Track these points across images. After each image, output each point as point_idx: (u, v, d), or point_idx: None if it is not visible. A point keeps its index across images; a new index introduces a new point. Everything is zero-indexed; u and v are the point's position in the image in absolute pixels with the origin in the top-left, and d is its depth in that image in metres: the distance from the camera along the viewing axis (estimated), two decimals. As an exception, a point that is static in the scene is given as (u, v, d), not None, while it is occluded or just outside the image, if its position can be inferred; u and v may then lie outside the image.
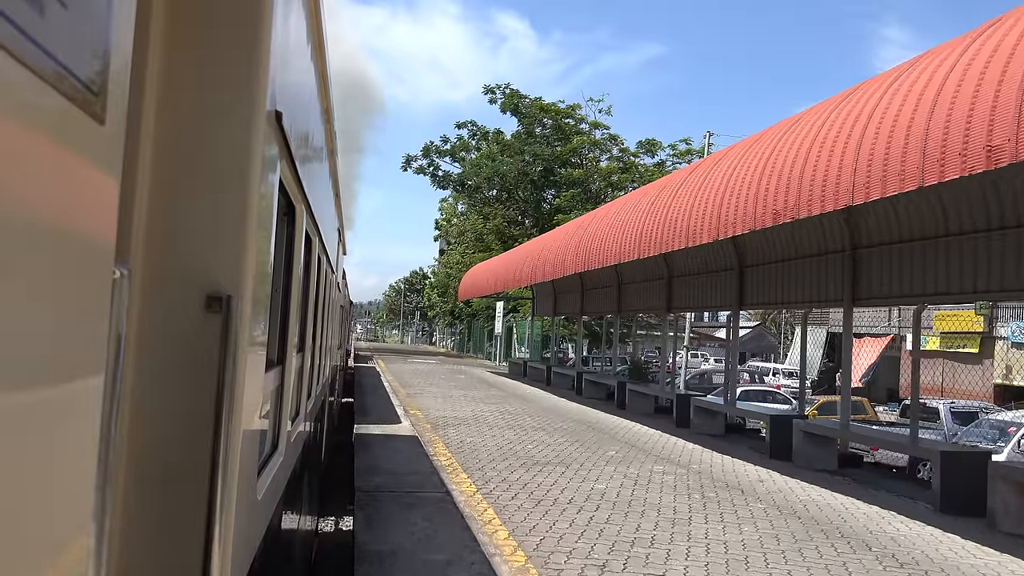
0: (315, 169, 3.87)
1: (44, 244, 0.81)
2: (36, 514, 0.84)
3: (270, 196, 2.07)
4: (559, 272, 20.68)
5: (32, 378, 0.81)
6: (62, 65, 0.80)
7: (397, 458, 10.28)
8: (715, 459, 12.20)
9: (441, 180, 49.82)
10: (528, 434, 13.52)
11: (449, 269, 57.90)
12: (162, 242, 1.64)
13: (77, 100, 0.84)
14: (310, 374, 5.08)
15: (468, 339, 57.98)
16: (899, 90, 8.22)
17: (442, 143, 50.00)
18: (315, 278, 4.65)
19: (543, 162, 44.98)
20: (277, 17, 1.89)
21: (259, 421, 2.34)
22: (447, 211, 63.30)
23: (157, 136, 1.62)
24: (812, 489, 10.08)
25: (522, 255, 26.77)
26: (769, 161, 10.41)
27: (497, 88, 48.23)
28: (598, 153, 46.48)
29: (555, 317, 31.40)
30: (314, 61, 3.25)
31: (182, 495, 1.62)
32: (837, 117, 9.18)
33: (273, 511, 2.94)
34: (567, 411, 18.26)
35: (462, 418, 15.19)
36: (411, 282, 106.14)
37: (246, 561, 2.16)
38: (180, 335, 1.66)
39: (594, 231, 18.42)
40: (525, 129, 46.34)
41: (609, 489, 9.12)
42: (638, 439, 14.04)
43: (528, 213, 47.43)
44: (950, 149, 6.91)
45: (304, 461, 5.02)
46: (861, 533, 7.79)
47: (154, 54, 1.59)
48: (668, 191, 14.61)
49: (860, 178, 8.11)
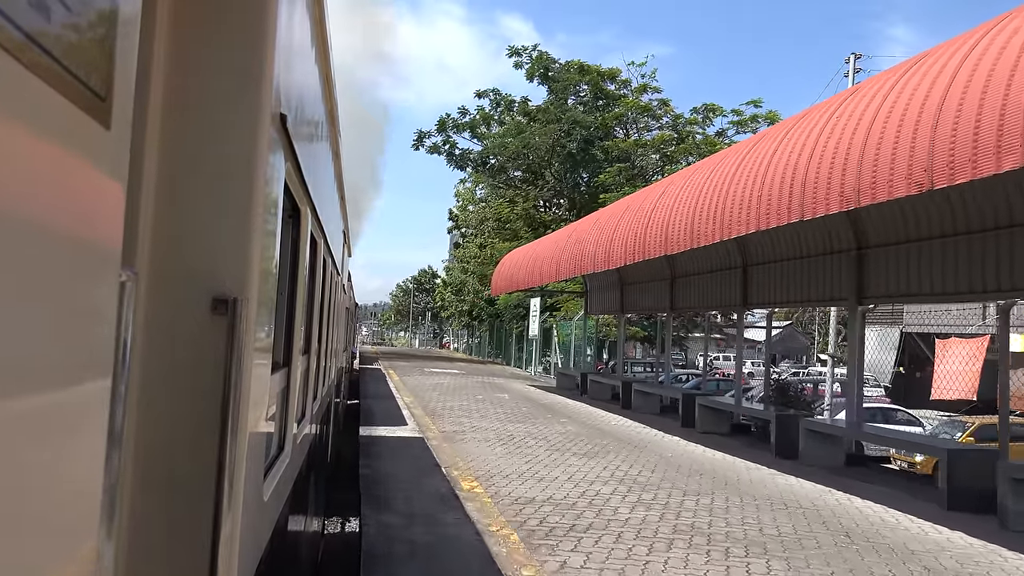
0: (320, 171, 3.87)
1: (51, 248, 0.82)
2: (45, 516, 0.85)
3: (275, 198, 2.07)
4: (639, 254, 15.27)
5: (40, 381, 0.82)
6: (68, 70, 0.80)
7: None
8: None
9: (458, 159, 43.03)
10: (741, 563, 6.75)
11: (466, 264, 50.90)
12: (168, 245, 1.65)
13: (83, 105, 0.85)
14: (316, 376, 5.08)
15: (490, 343, 50.30)
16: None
17: (460, 115, 42.76)
18: (320, 280, 4.65)
19: (582, 131, 37.68)
20: (281, 20, 1.90)
21: (265, 423, 2.34)
22: (464, 197, 55.66)
23: (162, 139, 1.63)
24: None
25: (578, 235, 20.53)
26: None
27: (523, 50, 41.05)
28: (647, 121, 39.01)
29: (623, 315, 24.58)
30: (318, 63, 3.26)
31: (189, 496, 1.63)
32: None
33: (279, 512, 2.95)
34: (737, 478, 10.82)
35: (567, 504, 8.48)
36: (420, 281, 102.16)
37: (253, 562, 2.17)
38: (186, 337, 1.66)
39: (708, 189, 12.64)
40: (557, 98, 39.58)
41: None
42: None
43: (564, 193, 40.67)
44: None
45: (310, 463, 5.03)
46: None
47: (159, 58, 1.60)
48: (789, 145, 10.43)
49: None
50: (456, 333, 72.82)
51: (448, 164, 43.27)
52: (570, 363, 31.27)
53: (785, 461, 12.52)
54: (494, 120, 42.93)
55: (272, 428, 2.67)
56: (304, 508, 4.66)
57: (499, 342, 47.25)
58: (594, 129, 37.99)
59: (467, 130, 42.85)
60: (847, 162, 8.44)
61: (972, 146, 6.70)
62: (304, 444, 4.26)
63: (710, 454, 13.06)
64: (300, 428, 3.85)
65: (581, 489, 9.34)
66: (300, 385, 3.71)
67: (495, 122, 42.88)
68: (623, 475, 10.44)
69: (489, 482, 9.47)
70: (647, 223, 15.11)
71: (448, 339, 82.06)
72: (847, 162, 8.44)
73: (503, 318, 43.86)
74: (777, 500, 9.42)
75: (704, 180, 13.11)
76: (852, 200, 8.33)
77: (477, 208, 50.52)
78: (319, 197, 3.73)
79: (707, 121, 38.08)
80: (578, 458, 11.60)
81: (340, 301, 9.62)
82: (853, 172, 8.28)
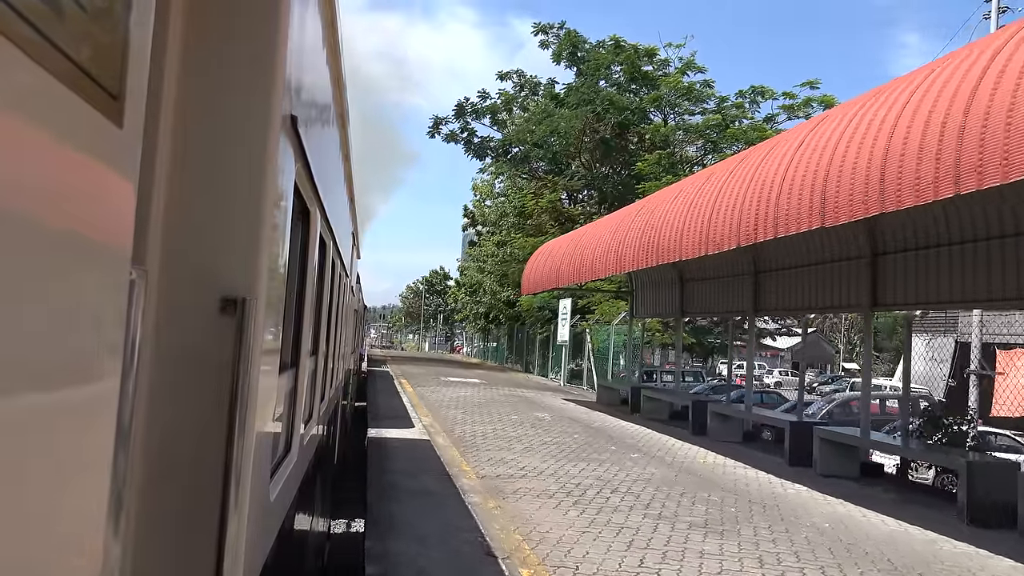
0: (330, 173, 3.88)
1: (62, 246, 0.82)
2: (53, 513, 0.85)
3: (285, 199, 2.08)
4: (723, 242, 11.29)
5: (49, 378, 0.82)
6: (81, 68, 0.81)
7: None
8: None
9: (477, 148, 39.32)
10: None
11: (482, 263, 47.41)
12: (178, 244, 1.65)
13: (96, 103, 0.85)
14: (323, 377, 5.09)
15: (509, 348, 46.28)
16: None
17: (480, 99, 39.11)
18: (329, 281, 4.66)
19: (616, 115, 33.55)
20: (293, 21, 1.91)
21: (272, 423, 2.35)
22: (482, 191, 51.71)
23: (174, 139, 1.64)
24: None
25: (651, 211, 15.58)
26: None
27: (550, 27, 36.83)
28: (688, 106, 34.65)
29: (681, 318, 20.42)
30: (329, 65, 3.27)
31: (196, 496, 1.63)
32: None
33: (286, 513, 2.95)
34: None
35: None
36: (431, 283, 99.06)
37: (259, 562, 2.17)
38: (195, 337, 1.67)
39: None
40: (586, 80, 35.56)
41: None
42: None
43: (594, 184, 36.47)
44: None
45: (317, 463, 5.03)
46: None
47: (171, 58, 1.60)
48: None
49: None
50: (469, 337, 69.57)
51: (466, 153, 39.56)
52: (607, 373, 27.70)
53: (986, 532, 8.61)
54: (517, 104, 39.29)
55: (279, 428, 2.68)
56: (310, 509, 4.67)
57: (519, 347, 43.11)
58: (630, 113, 33.86)
59: (487, 115, 39.20)
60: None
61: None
62: (311, 445, 4.27)
63: (879, 522, 8.66)
64: (307, 429, 3.85)
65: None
66: (308, 386, 3.71)
67: (517, 106, 39.31)
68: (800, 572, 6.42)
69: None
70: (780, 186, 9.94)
71: (460, 343, 79.33)
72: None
73: (524, 321, 39.39)
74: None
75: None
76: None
77: (496, 203, 47.08)
78: (329, 199, 3.74)
79: (755, 105, 33.68)
80: (700, 534, 7.47)
81: (348, 303, 9.65)
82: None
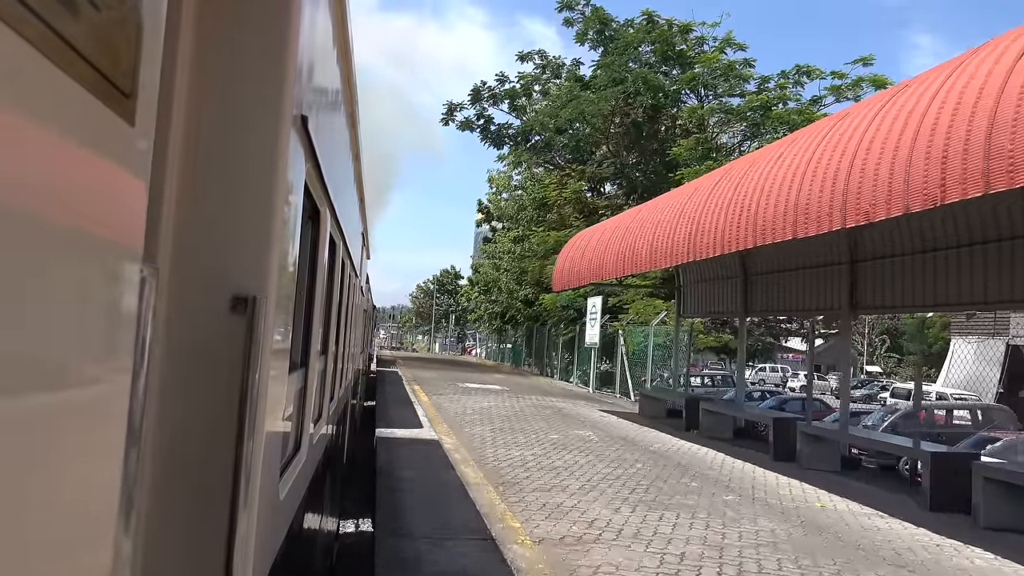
0: (340, 173, 3.89)
1: (73, 244, 0.82)
2: (64, 511, 0.85)
3: (295, 199, 2.08)
4: (812, 226, 9.17)
5: (59, 377, 0.82)
6: (94, 66, 0.81)
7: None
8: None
9: (494, 136, 36.81)
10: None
11: (498, 260, 45.34)
12: (188, 243, 1.66)
13: (108, 101, 0.85)
14: (333, 377, 5.10)
15: (528, 349, 42.90)
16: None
17: (498, 83, 36.37)
18: (339, 281, 4.67)
19: (648, 96, 30.58)
20: (304, 22, 1.91)
21: (282, 422, 2.35)
22: (498, 183, 48.63)
23: (185, 137, 1.64)
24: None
25: (705, 198, 12.89)
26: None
27: (575, 4, 33.78)
28: (730, 86, 31.29)
29: (745, 318, 17.02)
30: (340, 66, 3.28)
31: (206, 494, 1.64)
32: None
33: (295, 512, 2.96)
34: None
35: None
36: (441, 282, 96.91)
37: (268, 560, 2.18)
38: (205, 335, 1.67)
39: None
40: (615, 60, 32.50)
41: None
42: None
43: (623, 172, 33.43)
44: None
45: (326, 463, 5.04)
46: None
47: (183, 57, 1.61)
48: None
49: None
50: (481, 338, 66.31)
51: (483, 141, 36.79)
52: (647, 381, 24.62)
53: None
54: (538, 87, 36.63)
55: (289, 427, 2.68)
56: (320, 508, 4.68)
57: (538, 349, 39.16)
58: (663, 96, 30.95)
59: (505, 100, 36.43)
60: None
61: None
62: (320, 444, 4.28)
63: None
64: (317, 428, 3.86)
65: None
66: (317, 385, 3.72)
67: (538, 91, 36.69)
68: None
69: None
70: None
71: (472, 343, 76.23)
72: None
73: (545, 321, 35.81)
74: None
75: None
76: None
77: (513, 195, 44.02)
78: (339, 198, 3.75)
79: (799, 86, 30.51)
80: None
81: (358, 303, 9.67)
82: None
